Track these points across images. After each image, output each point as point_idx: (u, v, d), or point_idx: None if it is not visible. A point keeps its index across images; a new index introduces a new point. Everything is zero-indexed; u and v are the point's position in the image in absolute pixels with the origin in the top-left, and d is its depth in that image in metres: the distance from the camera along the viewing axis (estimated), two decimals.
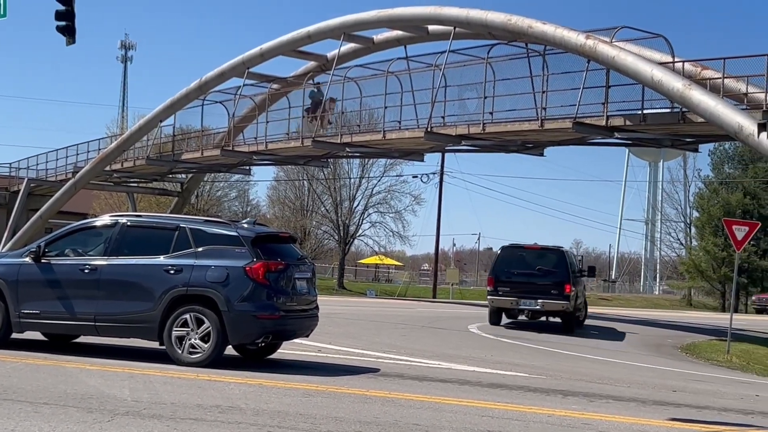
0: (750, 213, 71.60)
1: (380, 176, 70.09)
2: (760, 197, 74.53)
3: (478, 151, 41.31)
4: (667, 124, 30.72)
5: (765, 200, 74.18)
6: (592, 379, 15.39)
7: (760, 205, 74.04)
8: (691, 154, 72.20)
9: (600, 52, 29.64)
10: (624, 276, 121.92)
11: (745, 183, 75.00)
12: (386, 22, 38.55)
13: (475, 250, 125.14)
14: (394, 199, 72.11)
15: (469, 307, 44.96)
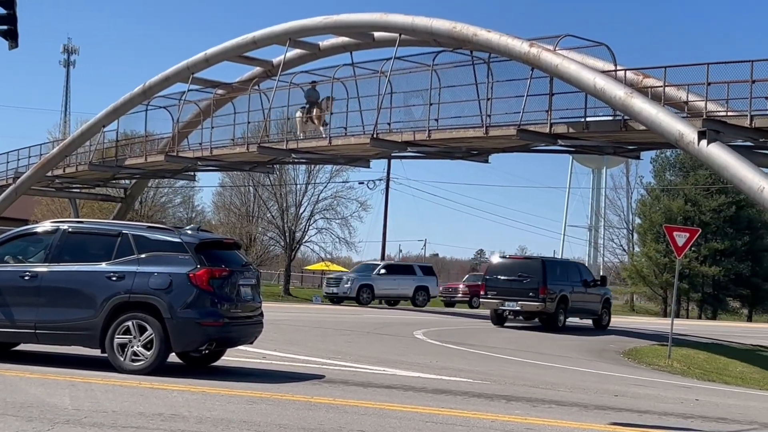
0: (691, 219, 72.74)
1: (326, 182, 70.05)
2: (701, 204, 75.72)
3: (423, 158, 41.44)
4: (610, 131, 31.12)
5: (705, 207, 75.36)
6: (535, 384, 15.52)
7: (701, 211, 75.21)
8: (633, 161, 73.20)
9: (544, 60, 29.94)
10: None
11: (686, 190, 76.15)
12: (332, 29, 38.56)
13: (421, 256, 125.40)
14: (340, 205, 72.11)
15: (415, 314, 45.05)
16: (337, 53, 41.87)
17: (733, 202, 74.30)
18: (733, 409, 13.83)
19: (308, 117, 38.45)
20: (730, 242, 75.64)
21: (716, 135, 26.00)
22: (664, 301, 78.58)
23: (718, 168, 26.19)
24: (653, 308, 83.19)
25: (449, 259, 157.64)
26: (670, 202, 76.34)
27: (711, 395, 16.53)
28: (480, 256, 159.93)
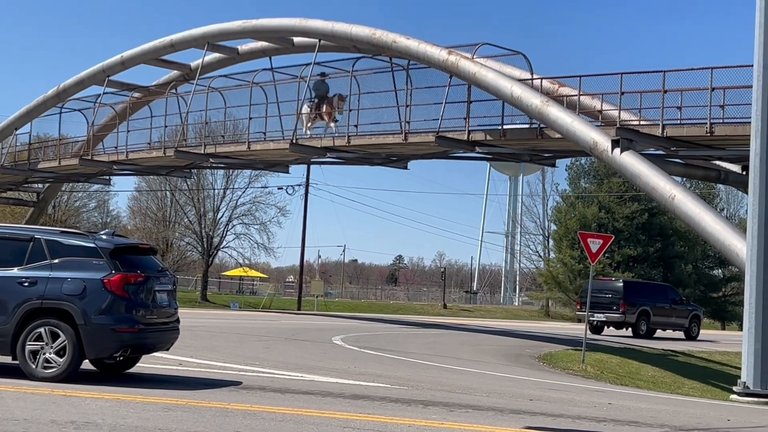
0: (605, 226, 73.96)
1: (245, 188, 69.66)
2: (615, 211, 77.04)
3: (343, 164, 41.54)
4: (526, 139, 31.59)
5: (619, 214, 76.71)
6: (452, 389, 15.63)
7: (615, 218, 76.52)
8: (549, 168, 74.52)
9: (462, 68, 30.27)
10: (485, 287, 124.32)
11: (600, 197, 77.43)
12: (251, 33, 38.42)
13: (340, 262, 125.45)
14: (259, 210, 71.79)
15: (334, 319, 45.06)
16: (256, 58, 41.77)
17: (646, 209, 75.80)
18: (644, 413, 14.11)
19: (317, 113, 35.79)
20: (642, 249, 77.14)
21: (629, 144, 26.59)
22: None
23: (630, 176, 26.78)
24: (568, 313, 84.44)
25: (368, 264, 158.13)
26: (585, 209, 77.53)
27: (623, 399, 16.84)
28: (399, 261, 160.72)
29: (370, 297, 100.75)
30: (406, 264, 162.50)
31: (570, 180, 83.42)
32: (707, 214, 24.58)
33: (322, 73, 35.81)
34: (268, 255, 79.57)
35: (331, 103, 35.08)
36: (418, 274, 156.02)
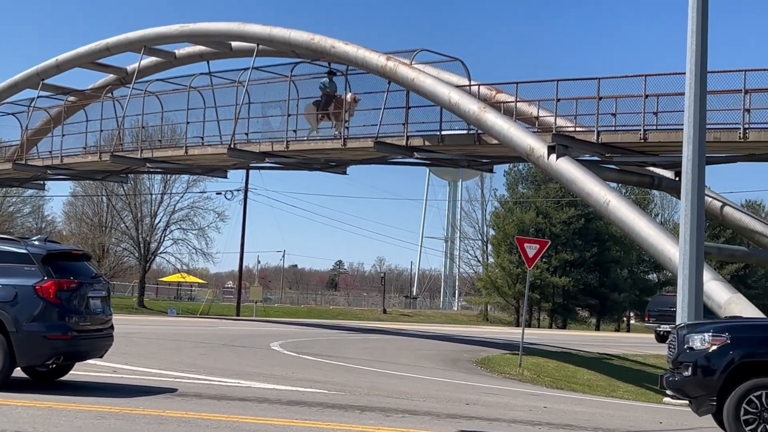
0: (542, 231, 74.72)
1: (183, 192, 69.05)
2: (552, 216, 77.88)
3: (282, 169, 41.40)
4: (464, 145, 31.78)
5: (556, 219, 77.55)
6: (389, 394, 15.65)
7: (552, 223, 77.35)
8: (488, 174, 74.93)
9: (400, 74, 30.39)
10: (425, 292, 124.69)
11: (537, 202, 78.23)
12: (188, 37, 38.14)
13: (280, 268, 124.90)
14: (197, 215, 71.16)
15: (273, 325, 44.82)
16: (194, 62, 41.49)
17: (582, 214, 76.77)
18: (579, 416, 14.26)
19: (324, 113, 33.92)
20: (579, 254, 78.10)
21: (565, 150, 26.89)
22: (516, 311, 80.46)
23: (566, 182, 27.09)
24: (506, 318, 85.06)
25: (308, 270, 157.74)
26: (523, 214, 78.26)
27: (559, 402, 17.01)
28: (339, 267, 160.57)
29: (310, 302, 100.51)
30: (346, 269, 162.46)
31: (508, 185, 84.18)
32: (641, 220, 24.95)
33: (331, 71, 34.14)
34: (207, 260, 79.05)
35: (340, 103, 33.29)
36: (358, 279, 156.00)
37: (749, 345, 11.27)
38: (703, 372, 11.24)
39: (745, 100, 24.93)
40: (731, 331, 11.41)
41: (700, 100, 17.86)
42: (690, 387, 11.45)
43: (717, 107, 25.23)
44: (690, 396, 11.64)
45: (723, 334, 11.30)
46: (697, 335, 11.48)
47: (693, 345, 11.44)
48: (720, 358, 11.14)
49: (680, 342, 11.68)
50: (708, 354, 11.24)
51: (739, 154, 27.54)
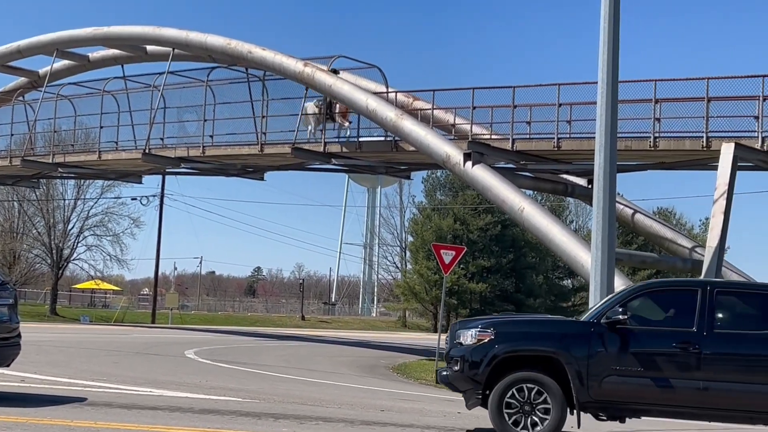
0: (460, 238, 75.24)
1: (97, 198, 67.85)
2: (469, 223, 78.49)
3: (198, 174, 41.00)
4: (382, 151, 31.88)
5: (473, 226, 78.18)
6: (304, 402, 15.57)
7: (469, 230, 77.96)
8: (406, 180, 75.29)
9: (318, 80, 30.36)
10: (344, 298, 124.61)
11: (455, 209, 78.78)
12: (102, 40, 37.56)
13: (197, 274, 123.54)
14: (112, 221, 69.99)
15: (189, 333, 44.34)
16: (108, 65, 40.89)
17: (499, 221, 77.52)
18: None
19: (329, 113, 32.37)
20: (495, 260, 78.85)
21: (481, 157, 27.14)
22: (434, 316, 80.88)
23: (482, 189, 27.35)
24: (424, 324, 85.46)
25: (226, 276, 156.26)
26: (441, 220, 78.70)
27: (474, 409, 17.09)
28: (257, 273, 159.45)
29: (227, 309, 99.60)
30: (264, 276, 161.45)
31: (426, 192, 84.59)
32: (554, 227, 25.32)
33: (334, 70, 32.57)
34: (122, 267, 77.93)
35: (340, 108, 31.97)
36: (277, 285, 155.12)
37: (512, 339, 11.57)
38: (470, 366, 11.51)
39: (656, 110, 25.49)
40: (496, 326, 11.71)
41: (611, 109, 18.19)
42: (459, 381, 11.70)
43: (628, 116, 25.77)
44: (460, 390, 11.87)
45: (489, 330, 11.60)
46: (466, 331, 11.75)
47: (462, 340, 11.70)
48: (485, 352, 11.44)
49: (452, 338, 11.99)
50: (474, 349, 11.52)
51: (649, 162, 28.14)
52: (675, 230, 33.44)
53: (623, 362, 11.27)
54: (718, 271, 23.07)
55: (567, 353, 11.32)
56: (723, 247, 23.71)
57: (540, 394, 11.25)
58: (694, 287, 11.78)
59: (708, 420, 11.72)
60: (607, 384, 11.24)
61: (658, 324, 11.70)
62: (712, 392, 11.14)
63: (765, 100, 24.04)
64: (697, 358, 11.16)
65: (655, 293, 12.10)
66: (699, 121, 25.09)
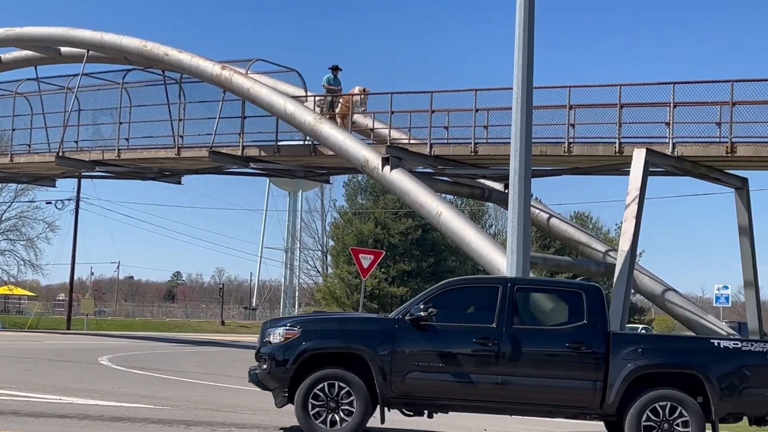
0: (381, 242, 75.35)
1: (10, 202, 66.45)
2: (390, 227, 78.65)
3: (114, 178, 40.37)
4: (301, 155, 31.77)
5: (394, 230, 78.36)
6: (218, 408, 15.43)
7: (390, 234, 78.12)
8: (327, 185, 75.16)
9: (236, 83, 30.14)
10: (265, 303, 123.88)
11: (376, 213, 78.91)
12: (14, 41, 36.78)
13: (115, 279, 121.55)
14: (26, 225, 68.61)
15: (104, 339, 43.61)
16: (20, 67, 40.05)
17: (420, 225, 77.77)
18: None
19: (331, 114, 30.23)
20: (416, 264, 79.13)
21: (399, 162, 27.24)
22: None
23: (400, 193, 27.45)
24: None
25: (145, 281, 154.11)
26: (362, 225, 78.73)
27: None
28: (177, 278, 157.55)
29: (146, 315, 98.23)
30: (184, 280, 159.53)
31: (347, 196, 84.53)
32: (471, 231, 25.52)
33: (335, 66, 30.66)
34: (36, 272, 76.23)
35: (347, 101, 29.66)
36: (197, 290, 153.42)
37: (318, 337, 11.77)
38: (276, 365, 11.67)
39: (570, 116, 25.87)
40: (303, 324, 11.93)
41: (526, 115, 18.37)
42: (267, 380, 11.86)
43: (544, 122, 26.12)
44: (268, 388, 12.02)
45: (295, 328, 11.80)
46: (275, 329, 11.92)
47: (271, 339, 11.85)
48: (291, 350, 11.61)
49: (262, 336, 12.14)
50: (281, 347, 11.68)
51: (564, 167, 28.54)
52: (589, 234, 33.96)
53: (425, 358, 11.55)
54: (630, 275, 23.51)
55: (371, 350, 11.53)
56: (635, 251, 24.17)
57: (345, 391, 11.43)
58: (496, 284, 12.15)
59: (509, 414, 12.09)
60: (409, 380, 11.51)
61: (461, 320, 11.91)
62: (511, 387, 11.47)
63: (676, 107, 24.58)
64: (496, 354, 11.48)
65: (458, 290, 12.35)
66: (612, 127, 25.55)
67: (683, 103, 24.63)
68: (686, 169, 25.60)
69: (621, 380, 11.33)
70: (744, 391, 11.46)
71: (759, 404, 11.54)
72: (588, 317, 11.68)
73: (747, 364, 11.51)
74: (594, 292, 11.92)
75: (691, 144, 24.73)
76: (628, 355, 11.46)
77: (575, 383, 11.46)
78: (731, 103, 23.78)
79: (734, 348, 11.59)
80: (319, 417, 11.44)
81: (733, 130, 23.93)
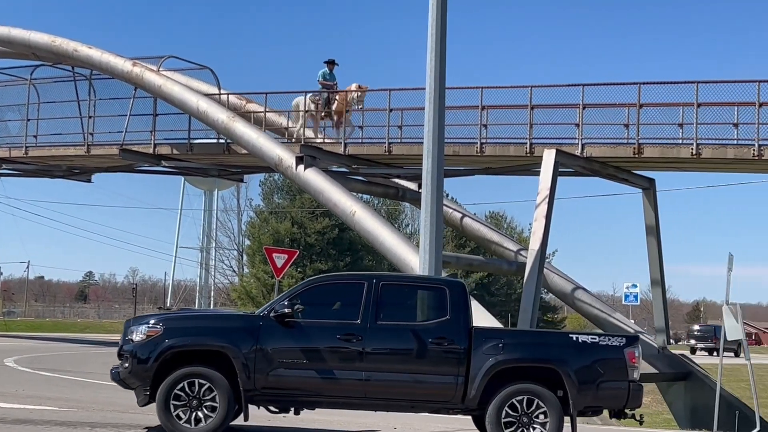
0: (297, 241, 75.08)
1: None
2: (307, 226, 78.42)
3: (21, 176, 39.48)
4: (214, 154, 31.47)
5: (311, 229, 78.15)
6: (125, 410, 15.17)
7: (307, 233, 77.89)
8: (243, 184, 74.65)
9: (147, 80, 29.75)
10: (179, 303, 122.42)
11: (292, 213, 78.61)
12: None
13: (24, 279, 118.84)
14: None
15: (12, 340, 42.61)
16: None
17: (336, 224, 77.66)
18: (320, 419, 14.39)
19: (327, 111, 28.80)
20: (333, 263, 79.00)
21: (313, 161, 27.17)
22: None
23: (314, 192, 27.39)
24: None
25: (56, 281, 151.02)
26: (278, 224, 78.33)
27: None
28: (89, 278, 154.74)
29: (57, 315, 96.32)
30: (97, 280, 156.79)
31: (264, 195, 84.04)
32: (384, 230, 25.61)
33: (331, 61, 29.05)
34: None
35: (343, 98, 28.15)
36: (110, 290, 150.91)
37: (181, 335, 11.77)
38: (138, 362, 11.67)
39: (482, 116, 26.12)
40: (165, 322, 11.94)
41: (438, 115, 18.51)
42: (129, 378, 11.89)
43: (457, 122, 26.32)
44: (130, 387, 12.06)
45: (158, 326, 11.81)
46: (138, 327, 11.92)
47: (133, 337, 11.84)
48: (153, 348, 11.61)
49: (124, 334, 12.11)
50: (143, 345, 11.68)
51: (477, 168, 28.80)
52: (501, 234, 34.36)
53: (290, 355, 11.62)
54: (540, 273, 23.85)
55: (234, 347, 11.55)
56: (545, 250, 24.53)
57: (207, 388, 11.43)
58: (361, 281, 12.23)
59: (374, 410, 12.24)
60: (273, 377, 11.56)
61: (326, 316, 12.02)
62: (374, 382, 11.61)
63: (585, 109, 25.02)
64: (360, 350, 11.60)
65: (324, 287, 12.42)
66: (524, 128, 25.88)
67: (592, 104, 25.11)
68: (595, 170, 26.07)
69: (482, 375, 11.49)
70: (601, 384, 11.67)
71: (616, 397, 11.78)
72: (451, 313, 11.83)
73: (604, 358, 11.73)
74: (457, 289, 12.11)
75: (599, 145, 25.19)
76: (489, 350, 11.61)
77: (438, 378, 11.59)
78: (638, 105, 24.32)
79: (591, 342, 11.81)
80: (182, 417, 11.40)
81: (640, 131, 24.46)
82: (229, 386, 11.44)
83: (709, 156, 24.06)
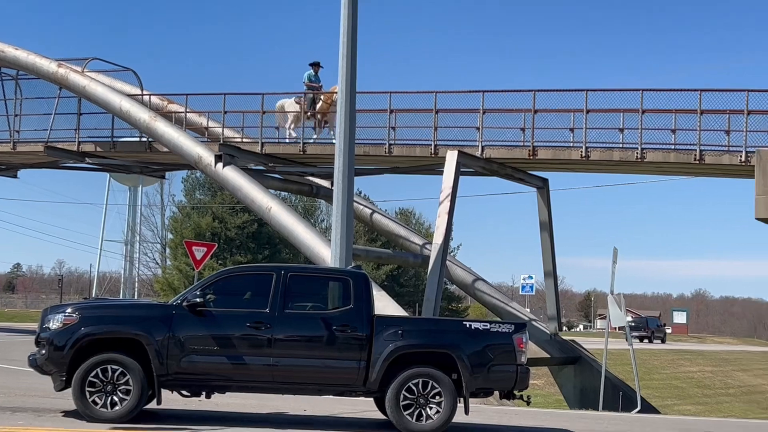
0: (218, 235, 74.41)
1: None
2: (227, 221, 77.80)
3: None
4: (136, 152, 31.04)
5: (231, 224, 77.54)
6: (46, 395, 14.82)
7: (227, 228, 77.26)
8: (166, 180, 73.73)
9: (72, 81, 29.20)
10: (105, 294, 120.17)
11: (214, 208, 77.88)
12: None
13: None
14: None
15: None
16: None
17: (255, 219, 77.07)
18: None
19: (312, 112, 27.60)
20: (252, 256, 78.53)
21: (231, 159, 26.99)
22: None
23: (232, 189, 27.20)
24: None
25: None
26: (200, 219, 77.54)
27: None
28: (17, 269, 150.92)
29: None
30: (24, 272, 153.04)
31: (186, 191, 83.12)
32: (299, 225, 25.56)
33: (316, 63, 27.66)
34: None
35: (328, 99, 26.84)
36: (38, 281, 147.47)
37: (96, 323, 11.81)
38: (54, 349, 11.69)
39: (391, 119, 26.26)
40: (82, 310, 11.99)
41: (349, 117, 18.59)
42: (45, 364, 11.86)
43: (367, 124, 26.42)
44: (47, 373, 12.05)
45: (75, 314, 11.86)
46: (55, 315, 11.94)
47: (50, 325, 11.87)
48: (69, 335, 11.63)
49: (42, 322, 12.11)
50: (60, 332, 11.70)
51: (385, 167, 28.94)
52: (408, 229, 34.57)
53: (201, 342, 11.69)
54: (443, 265, 24.09)
55: (148, 335, 11.59)
56: (447, 244, 24.79)
57: (120, 373, 11.45)
58: (270, 272, 12.39)
59: (282, 393, 12.41)
60: (185, 363, 11.63)
61: (237, 305, 12.10)
62: (282, 368, 11.76)
63: (485, 113, 25.38)
64: (269, 337, 11.74)
65: (235, 277, 12.54)
66: (429, 131, 26.13)
67: (492, 109, 25.52)
68: (494, 170, 26.43)
69: (382, 360, 11.71)
70: (492, 368, 11.96)
71: (505, 380, 12.07)
72: (354, 302, 12.01)
73: (494, 344, 12.01)
74: (360, 279, 12.28)
75: (498, 147, 25.57)
76: (390, 336, 11.83)
77: (342, 363, 11.77)
78: (533, 111, 24.76)
79: (483, 329, 12.07)
80: (98, 402, 11.37)
81: (535, 135, 24.89)
82: (142, 371, 11.44)
83: (597, 158, 24.63)
